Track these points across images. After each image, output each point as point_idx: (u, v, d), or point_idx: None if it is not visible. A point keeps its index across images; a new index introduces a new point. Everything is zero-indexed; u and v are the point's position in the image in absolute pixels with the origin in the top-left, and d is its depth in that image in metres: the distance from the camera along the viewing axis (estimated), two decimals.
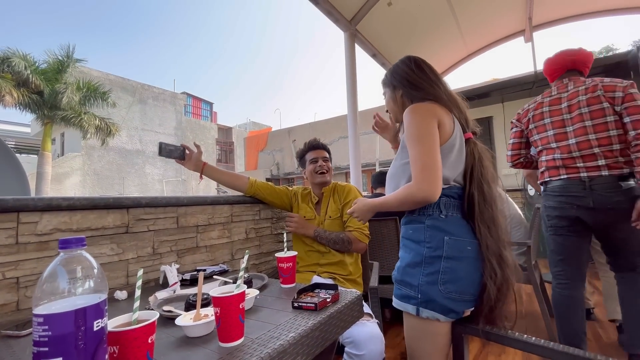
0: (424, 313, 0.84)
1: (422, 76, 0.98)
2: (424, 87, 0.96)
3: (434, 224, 0.87)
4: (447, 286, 0.82)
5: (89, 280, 0.40)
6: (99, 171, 14.87)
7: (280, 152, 12.59)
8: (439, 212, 0.88)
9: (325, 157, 1.57)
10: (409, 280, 0.86)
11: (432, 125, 0.86)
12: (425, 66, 1.00)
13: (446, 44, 3.67)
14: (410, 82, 0.98)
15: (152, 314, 0.52)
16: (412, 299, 0.85)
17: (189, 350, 0.60)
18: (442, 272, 0.82)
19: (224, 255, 1.44)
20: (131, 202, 1.10)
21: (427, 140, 0.84)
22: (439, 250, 0.84)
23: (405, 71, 1.00)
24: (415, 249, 0.87)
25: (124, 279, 1.07)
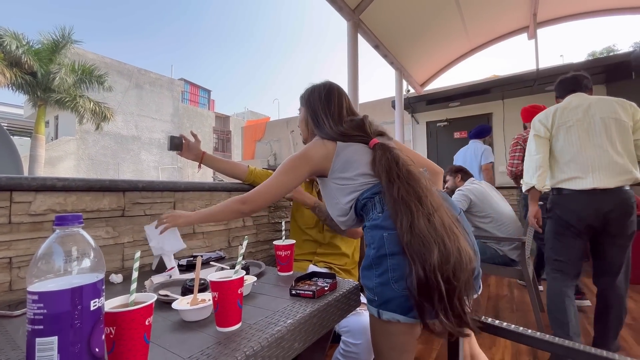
0: (384, 315, 0.79)
1: (324, 111, 1.02)
2: (320, 125, 1.01)
3: (373, 224, 0.85)
4: (399, 283, 0.76)
5: (85, 259, 0.39)
6: (94, 156, 14.69)
7: (277, 143, 12.52)
8: (378, 211, 0.86)
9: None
10: (366, 283, 0.84)
11: (295, 174, 0.97)
12: (332, 100, 1.03)
13: (450, 38, 3.63)
14: (315, 115, 1.03)
15: (150, 297, 0.51)
16: (372, 302, 0.82)
17: (185, 334, 0.60)
18: (390, 269, 0.78)
19: (221, 242, 1.43)
20: (128, 185, 1.08)
21: (279, 180, 0.98)
22: (382, 249, 0.81)
23: (315, 103, 1.04)
24: (367, 252, 0.86)
25: (120, 262, 1.06)
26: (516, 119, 4.59)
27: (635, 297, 2.53)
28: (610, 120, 1.51)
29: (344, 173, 0.93)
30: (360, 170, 0.92)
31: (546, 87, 4.14)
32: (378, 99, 10.35)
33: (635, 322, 2.09)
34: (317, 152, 0.96)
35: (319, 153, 0.96)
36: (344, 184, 0.93)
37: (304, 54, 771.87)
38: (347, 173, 0.93)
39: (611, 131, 1.51)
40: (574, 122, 1.57)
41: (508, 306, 2.41)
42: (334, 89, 1.06)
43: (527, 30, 3.66)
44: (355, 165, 0.93)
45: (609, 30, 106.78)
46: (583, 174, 1.52)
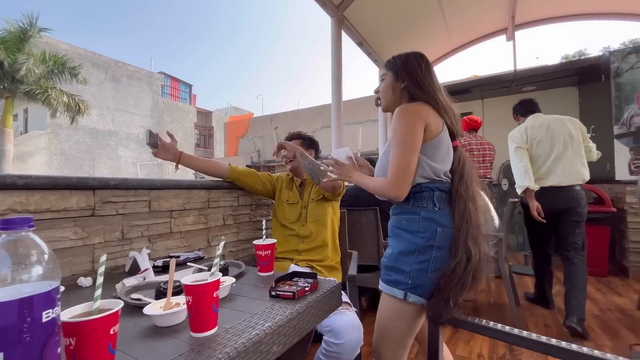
0: (411, 297, 0.90)
1: (428, 79, 1.01)
2: (427, 91, 0.99)
3: (428, 216, 0.92)
4: (436, 273, 0.88)
5: (37, 266, 0.36)
6: (67, 151, 14.00)
7: (261, 139, 12.37)
8: (433, 205, 0.93)
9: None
10: (401, 266, 0.92)
11: (417, 129, 0.92)
12: (432, 71, 1.04)
13: (432, 37, 3.68)
14: (418, 81, 1.00)
15: (116, 303, 0.48)
16: (401, 284, 0.91)
17: (157, 341, 0.57)
18: (433, 260, 0.89)
19: (200, 241, 1.39)
20: (98, 183, 1.02)
21: (407, 145, 0.91)
22: (431, 241, 0.90)
23: (415, 67, 1.01)
24: (409, 238, 0.93)
25: (89, 264, 1.01)
26: (495, 119, 4.73)
27: (602, 289, 2.67)
28: (566, 135, 2.04)
29: (432, 155, 0.94)
30: (442, 165, 0.96)
31: (523, 88, 4.28)
32: (362, 96, 10.39)
33: (602, 313, 2.20)
34: (429, 114, 0.95)
35: (431, 116, 0.95)
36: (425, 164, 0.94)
37: (289, 50, 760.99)
38: (434, 157, 0.94)
39: (566, 144, 2.03)
40: (542, 137, 2.08)
41: (485, 300, 2.49)
42: (428, 61, 1.05)
43: (506, 32, 3.76)
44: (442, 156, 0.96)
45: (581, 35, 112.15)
46: (546, 176, 2.06)
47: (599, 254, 2.99)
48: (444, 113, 0.99)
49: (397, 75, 1.04)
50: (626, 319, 2.08)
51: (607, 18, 3.30)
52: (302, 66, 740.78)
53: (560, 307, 2.30)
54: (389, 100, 1.08)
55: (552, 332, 1.95)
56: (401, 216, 0.98)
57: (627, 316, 2.13)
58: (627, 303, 2.35)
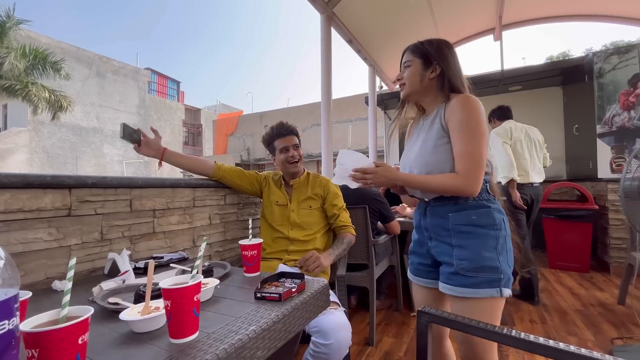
0: (505, 292, 0.86)
1: (459, 67, 0.99)
2: (460, 78, 0.97)
3: (497, 208, 0.92)
4: (512, 261, 0.90)
5: None
6: (49, 149, 13.55)
7: (251, 137, 12.26)
8: (488, 195, 0.93)
9: (296, 144, 1.49)
10: (490, 264, 0.86)
11: (485, 121, 0.90)
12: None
13: (421, 36, 3.67)
14: (454, 69, 0.97)
15: (85, 310, 0.45)
16: (494, 282, 0.86)
17: (133, 348, 0.54)
18: (508, 250, 0.89)
19: (185, 241, 1.35)
20: (74, 181, 0.97)
21: (482, 136, 0.87)
22: (504, 231, 0.90)
23: (448, 55, 0.98)
24: (486, 233, 0.89)
25: (65, 267, 0.96)
26: None
27: (585, 285, 2.74)
28: (537, 141, 2.54)
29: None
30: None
31: (509, 88, 4.35)
32: (352, 94, 10.40)
33: (585, 308, 2.26)
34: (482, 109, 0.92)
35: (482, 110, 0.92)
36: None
37: (279, 47, 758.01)
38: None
39: (537, 148, 2.53)
40: (522, 138, 2.47)
41: None
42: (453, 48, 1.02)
43: (494, 32, 3.80)
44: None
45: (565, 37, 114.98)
46: (525, 173, 2.43)
47: (582, 250, 3.07)
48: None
49: (427, 61, 0.99)
50: (608, 314, 2.14)
51: (591, 20, 3.38)
52: (292, 64, 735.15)
53: (546, 303, 2.35)
54: (415, 88, 1.01)
55: (537, 328, 1.98)
56: (467, 211, 0.91)
57: (609, 311, 2.19)
58: (609, 298, 2.42)
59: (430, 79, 0.98)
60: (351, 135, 10.03)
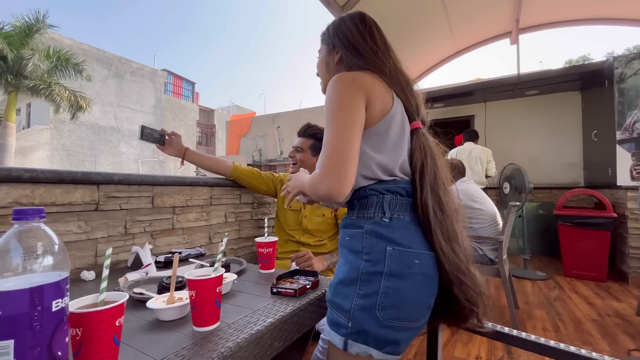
0: (353, 348, 0.63)
1: (369, 42, 0.79)
2: (367, 56, 0.77)
3: (374, 230, 0.68)
4: (387, 312, 0.62)
5: (47, 257, 0.36)
6: (69, 147, 14.05)
7: (263, 138, 12.39)
8: (382, 214, 0.69)
9: (298, 147, 1.48)
10: (340, 302, 0.66)
11: (355, 100, 0.67)
12: (376, 30, 0.82)
13: (436, 39, 3.68)
14: (354, 46, 0.78)
15: (121, 295, 0.49)
16: (341, 328, 0.65)
17: (160, 334, 0.57)
18: (381, 293, 0.63)
19: (201, 238, 1.40)
20: (102, 178, 1.03)
21: (342, 118, 0.66)
22: (379, 265, 0.65)
23: (350, 31, 0.80)
24: (352, 261, 0.68)
25: (92, 258, 1.01)
26: (497, 122, 4.73)
27: (601, 295, 2.67)
28: (477, 158, 3.65)
29: (378, 145, 0.70)
30: (394, 157, 0.71)
31: (526, 92, 4.28)
32: None
33: (601, 318, 2.20)
34: (373, 84, 0.71)
35: (376, 87, 0.71)
36: (368, 158, 0.69)
37: (292, 49, 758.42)
38: (380, 147, 0.70)
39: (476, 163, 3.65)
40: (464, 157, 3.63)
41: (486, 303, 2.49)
42: (372, 20, 0.83)
43: (510, 35, 3.76)
44: (393, 144, 0.71)
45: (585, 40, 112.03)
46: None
47: (599, 259, 2.99)
48: (395, 83, 0.76)
49: (331, 46, 0.83)
50: (625, 325, 2.08)
51: (611, 23, 3.30)
52: (305, 66, 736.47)
53: (560, 312, 2.30)
54: (325, 78, 0.86)
55: (550, 336, 1.95)
56: (345, 230, 0.74)
57: (626, 322, 2.13)
58: (626, 309, 2.35)
59: (335, 64, 0.82)
60: None
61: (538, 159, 4.41)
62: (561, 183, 4.21)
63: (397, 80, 0.77)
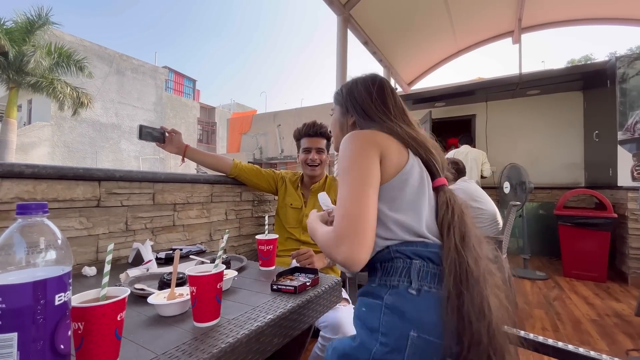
0: None
1: (380, 107, 0.78)
2: (379, 121, 0.76)
3: (396, 305, 0.58)
4: None
5: (50, 251, 0.37)
6: (70, 143, 14.07)
7: (264, 136, 12.39)
8: (408, 283, 0.59)
9: (319, 148, 1.48)
10: None
11: (368, 156, 0.64)
12: (389, 93, 0.81)
13: (438, 37, 3.67)
14: (366, 111, 0.78)
15: (123, 291, 0.49)
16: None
17: (161, 329, 0.58)
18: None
19: (202, 235, 1.40)
20: (103, 174, 1.03)
21: (356, 175, 0.62)
22: (397, 354, 0.54)
23: (363, 96, 0.80)
24: (364, 339, 0.59)
25: (93, 254, 1.02)
26: (498, 121, 4.72)
27: (601, 295, 2.67)
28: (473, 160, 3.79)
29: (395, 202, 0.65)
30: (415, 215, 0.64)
31: (527, 91, 4.27)
32: None
33: (600, 318, 2.21)
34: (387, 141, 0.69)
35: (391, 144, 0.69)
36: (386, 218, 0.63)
37: (293, 47, 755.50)
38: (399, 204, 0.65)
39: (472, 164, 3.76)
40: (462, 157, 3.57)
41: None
42: (385, 82, 0.83)
43: (512, 35, 3.75)
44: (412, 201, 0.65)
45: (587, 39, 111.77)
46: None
47: (599, 259, 2.99)
48: (410, 145, 0.72)
49: (344, 109, 0.84)
50: (624, 325, 2.09)
51: (614, 23, 3.29)
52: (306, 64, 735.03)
53: (559, 311, 2.31)
54: (338, 138, 0.87)
55: (549, 335, 1.95)
56: (362, 299, 0.66)
57: (625, 322, 2.13)
58: (626, 309, 2.36)
59: (349, 126, 0.83)
60: None
61: (539, 159, 4.41)
62: (562, 183, 4.20)
63: (413, 142, 0.73)
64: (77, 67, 11.08)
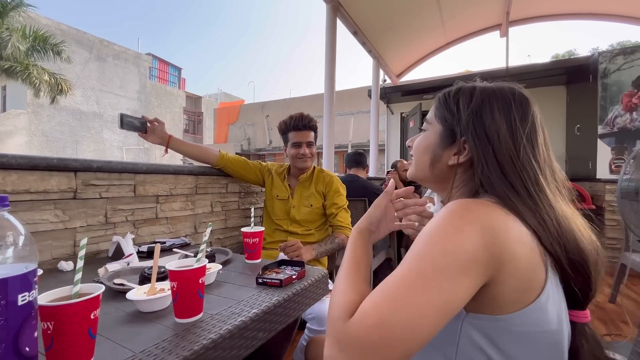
0: None
1: (529, 160, 0.47)
2: (520, 188, 0.45)
3: None
4: None
5: (12, 248, 0.34)
6: (49, 132, 13.51)
7: (252, 127, 12.22)
8: None
9: (310, 142, 1.46)
10: None
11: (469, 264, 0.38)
12: (540, 136, 0.50)
13: (427, 29, 3.66)
14: (500, 161, 0.47)
15: (97, 287, 0.47)
16: None
17: (140, 326, 0.56)
18: None
19: (186, 228, 1.37)
20: (79, 165, 0.98)
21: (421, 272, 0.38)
22: None
23: (500, 130, 0.48)
24: None
25: (70, 248, 0.98)
26: None
27: None
28: None
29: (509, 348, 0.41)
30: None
31: None
32: (355, 87, 10.33)
33: None
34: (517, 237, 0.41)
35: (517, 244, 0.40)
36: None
37: (282, 37, 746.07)
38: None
39: None
40: None
41: None
42: (537, 111, 0.53)
43: (500, 28, 3.77)
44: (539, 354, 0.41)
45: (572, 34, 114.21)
46: None
47: None
48: (556, 245, 0.43)
49: (452, 131, 0.52)
50: (598, 311, 2.18)
51: (599, 19, 3.35)
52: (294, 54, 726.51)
53: None
54: (421, 169, 0.57)
55: None
56: None
57: (599, 308, 2.23)
58: (600, 296, 2.46)
59: (456, 165, 0.52)
60: (352, 129, 10.00)
61: None
62: None
63: (563, 241, 0.44)
64: (55, 51, 10.56)
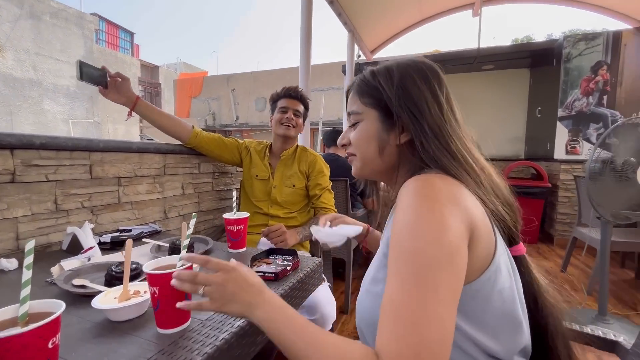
0: None
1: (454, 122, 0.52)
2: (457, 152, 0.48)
3: None
4: None
5: None
6: None
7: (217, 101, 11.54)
8: None
9: (297, 111, 1.37)
10: None
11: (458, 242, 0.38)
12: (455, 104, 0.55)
13: (403, 4, 3.55)
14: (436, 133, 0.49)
15: (55, 305, 0.36)
16: None
17: (114, 341, 0.46)
18: None
19: (155, 213, 1.23)
20: (17, 140, 0.80)
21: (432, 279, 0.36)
22: None
23: (427, 99, 0.51)
24: None
25: (12, 242, 0.82)
26: (456, 95, 4.88)
27: (532, 254, 3.03)
28: None
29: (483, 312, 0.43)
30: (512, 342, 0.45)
31: (483, 66, 4.42)
32: (326, 62, 10.05)
33: None
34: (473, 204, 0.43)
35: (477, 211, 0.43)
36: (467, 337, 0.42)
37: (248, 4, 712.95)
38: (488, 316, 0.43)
39: None
40: None
41: None
42: (440, 72, 0.55)
43: (473, 7, 3.77)
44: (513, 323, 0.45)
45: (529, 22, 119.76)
46: None
47: (532, 223, 3.37)
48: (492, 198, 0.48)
49: (389, 111, 0.52)
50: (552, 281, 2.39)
51: (571, 5, 3.45)
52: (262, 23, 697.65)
53: None
54: (370, 161, 0.55)
55: None
56: None
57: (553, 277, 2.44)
58: (553, 266, 2.71)
59: (398, 146, 0.52)
60: (323, 106, 9.82)
61: (487, 132, 4.70)
62: (506, 155, 4.57)
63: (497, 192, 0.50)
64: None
